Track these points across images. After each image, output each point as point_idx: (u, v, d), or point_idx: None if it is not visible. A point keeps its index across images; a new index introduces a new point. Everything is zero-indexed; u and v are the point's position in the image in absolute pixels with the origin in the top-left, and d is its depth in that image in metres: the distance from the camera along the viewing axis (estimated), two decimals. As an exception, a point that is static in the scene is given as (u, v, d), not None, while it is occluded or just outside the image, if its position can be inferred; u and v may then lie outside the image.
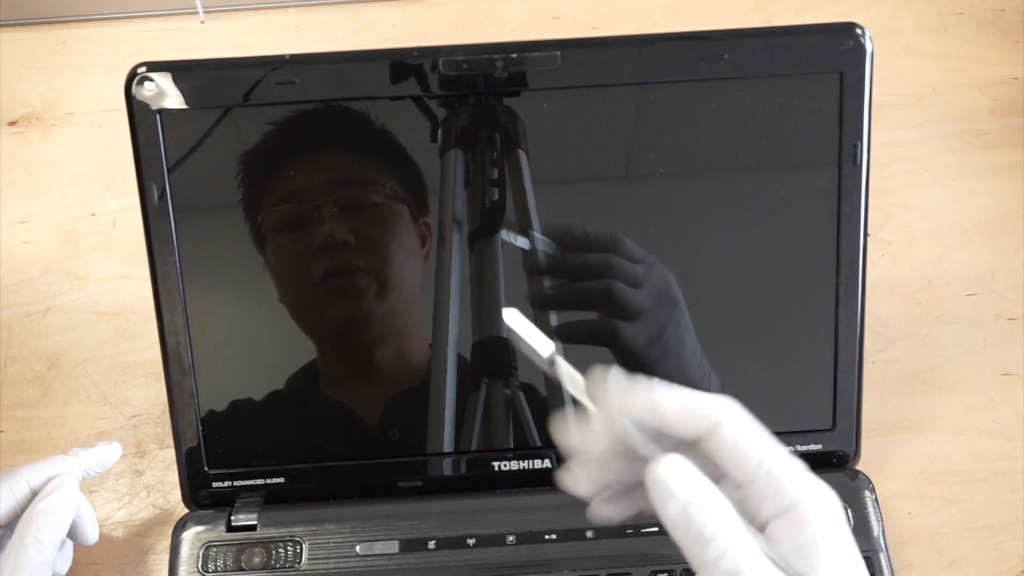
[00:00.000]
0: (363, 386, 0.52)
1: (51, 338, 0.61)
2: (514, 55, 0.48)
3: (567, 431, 0.36)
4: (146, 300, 0.50)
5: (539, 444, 0.52)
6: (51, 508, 0.46)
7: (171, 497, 0.55)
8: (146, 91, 0.48)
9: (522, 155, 0.50)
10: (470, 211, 0.50)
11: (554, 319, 0.50)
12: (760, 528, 0.34)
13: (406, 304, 0.52)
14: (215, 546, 0.51)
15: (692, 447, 0.35)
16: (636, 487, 0.36)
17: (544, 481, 0.52)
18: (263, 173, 0.50)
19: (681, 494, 0.33)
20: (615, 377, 0.36)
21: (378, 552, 0.51)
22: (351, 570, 0.50)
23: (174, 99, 0.48)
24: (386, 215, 0.51)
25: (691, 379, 0.50)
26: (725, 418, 0.34)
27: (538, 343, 0.38)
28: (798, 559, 0.33)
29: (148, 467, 0.57)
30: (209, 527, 0.51)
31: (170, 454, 0.54)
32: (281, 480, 0.52)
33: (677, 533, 0.33)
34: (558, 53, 0.48)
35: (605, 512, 0.37)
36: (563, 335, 0.51)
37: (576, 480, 0.36)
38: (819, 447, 0.52)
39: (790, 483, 0.34)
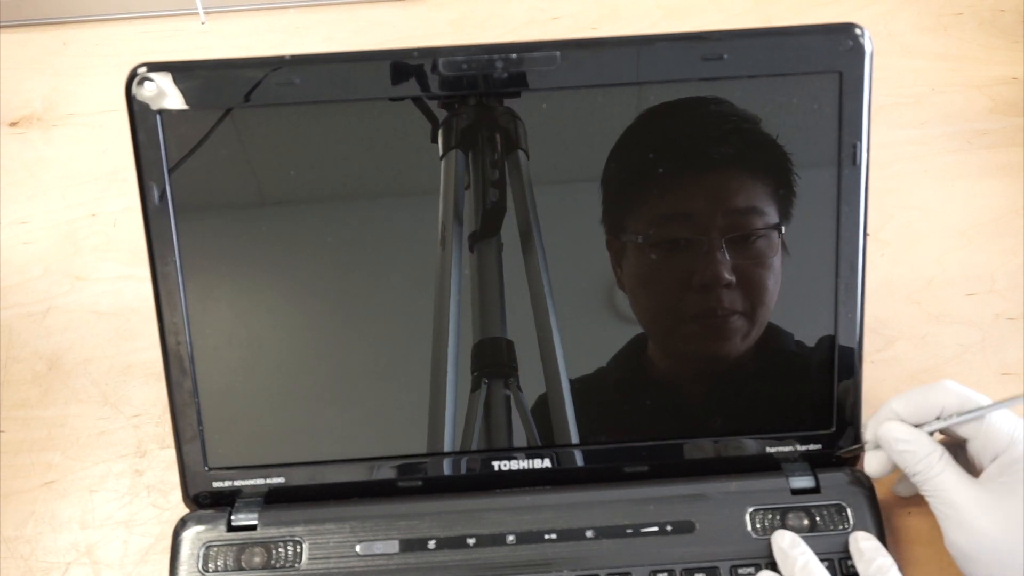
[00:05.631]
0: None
1: (51, 338, 0.61)
2: (514, 55, 0.48)
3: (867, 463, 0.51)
4: (146, 300, 0.51)
5: (539, 444, 0.52)
6: None
7: (171, 497, 0.55)
8: (146, 91, 0.48)
9: (522, 155, 0.50)
10: (471, 212, 0.50)
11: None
12: (979, 472, 0.47)
13: None
14: (215, 546, 0.51)
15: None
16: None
17: (544, 480, 0.52)
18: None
19: (903, 436, 0.48)
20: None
21: (378, 552, 0.51)
22: (351, 570, 0.50)
23: (174, 99, 0.48)
24: (767, 250, 0.51)
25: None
26: (945, 401, 0.48)
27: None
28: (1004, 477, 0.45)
29: (148, 467, 0.57)
30: (209, 527, 0.51)
31: (170, 454, 0.54)
32: (281, 480, 0.52)
33: (904, 466, 0.48)
34: (558, 53, 0.48)
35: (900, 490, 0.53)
36: None
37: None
38: (819, 447, 0.52)
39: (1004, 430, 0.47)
